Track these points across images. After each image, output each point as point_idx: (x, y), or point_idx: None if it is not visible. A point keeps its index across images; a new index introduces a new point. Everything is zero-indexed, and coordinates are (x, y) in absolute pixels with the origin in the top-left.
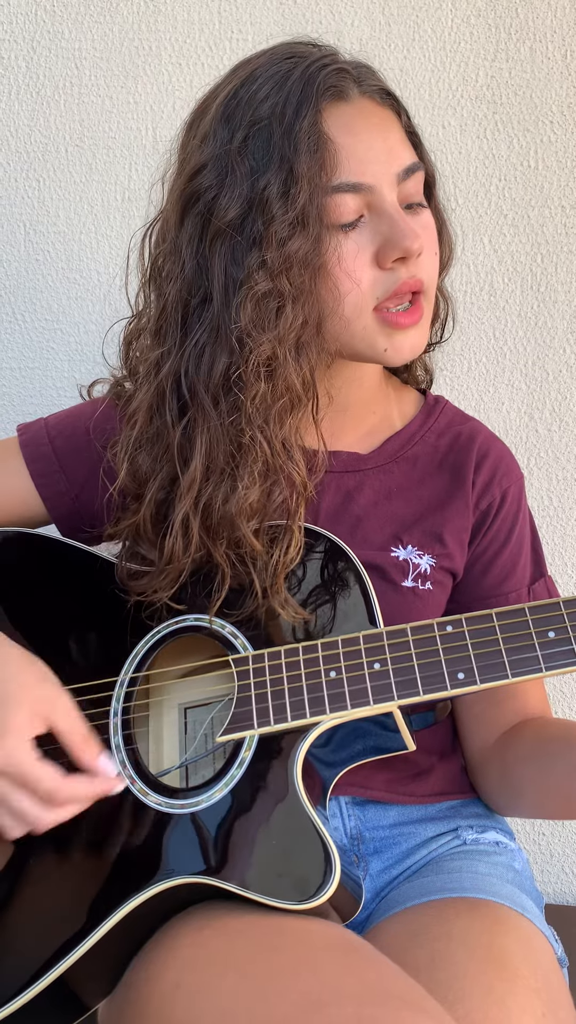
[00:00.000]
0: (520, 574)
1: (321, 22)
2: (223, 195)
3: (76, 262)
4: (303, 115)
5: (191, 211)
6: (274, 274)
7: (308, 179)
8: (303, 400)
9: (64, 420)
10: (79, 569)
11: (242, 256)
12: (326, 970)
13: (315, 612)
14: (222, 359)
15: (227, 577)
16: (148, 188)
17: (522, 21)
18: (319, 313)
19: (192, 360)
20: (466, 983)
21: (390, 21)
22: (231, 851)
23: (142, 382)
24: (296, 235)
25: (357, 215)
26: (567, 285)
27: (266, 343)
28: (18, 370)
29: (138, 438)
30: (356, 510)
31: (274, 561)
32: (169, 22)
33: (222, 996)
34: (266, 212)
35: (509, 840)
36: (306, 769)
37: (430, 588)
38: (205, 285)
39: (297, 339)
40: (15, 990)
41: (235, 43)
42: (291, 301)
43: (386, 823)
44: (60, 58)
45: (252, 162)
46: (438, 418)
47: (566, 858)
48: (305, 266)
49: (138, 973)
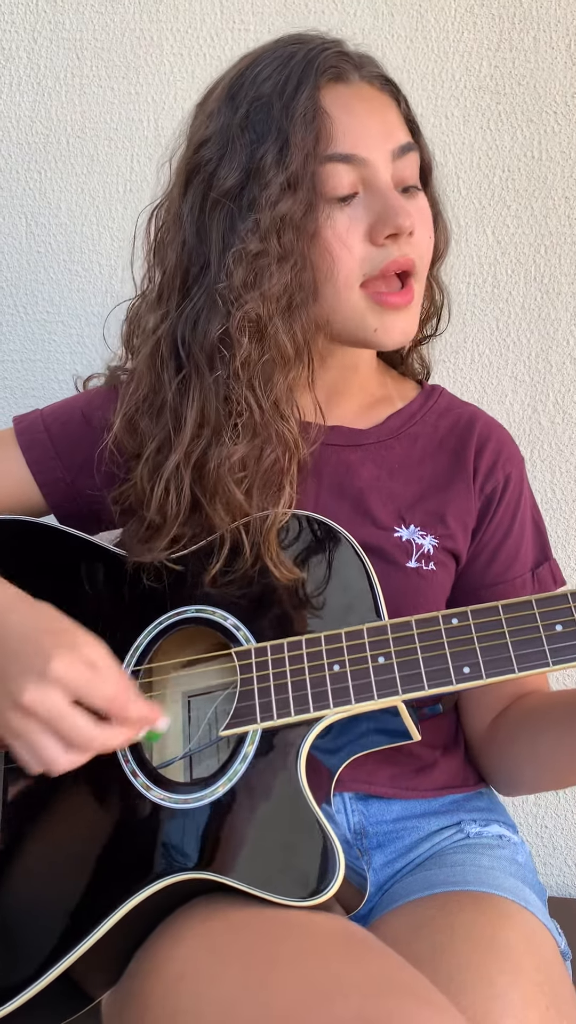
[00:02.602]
0: (523, 559)
1: (324, 12)
2: (223, 165)
3: (78, 254)
4: (302, 91)
5: (193, 182)
6: (264, 235)
7: (301, 147)
8: (292, 361)
9: (59, 409)
10: (79, 558)
11: (237, 222)
12: (331, 961)
13: (319, 604)
14: (216, 320)
15: (226, 541)
16: (152, 176)
17: (525, 11)
18: (312, 279)
19: (189, 322)
20: (468, 976)
21: (393, 11)
22: (235, 847)
23: (141, 344)
24: (286, 197)
25: (351, 190)
26: (570, 277)
27: (251, 301)
28: (20, 362)
29: (136, 399)
30: (359, 483)
31: (268, 520)
32: (171, 12)
33: (226, 987)
34: (261, 179)
35: (512, 833)
36: (311, 763)
37: (433, 569)
38: (204, 252)
39: (289, 301)
40: (22, 984)
41: (237, 33)
42: (278, 261)
43: (389, 818)
44: (61, 49)
45: (252, 135)
46: (437, 400)
47: (569, 851)
48: (298, 230)
49: (142, 964)
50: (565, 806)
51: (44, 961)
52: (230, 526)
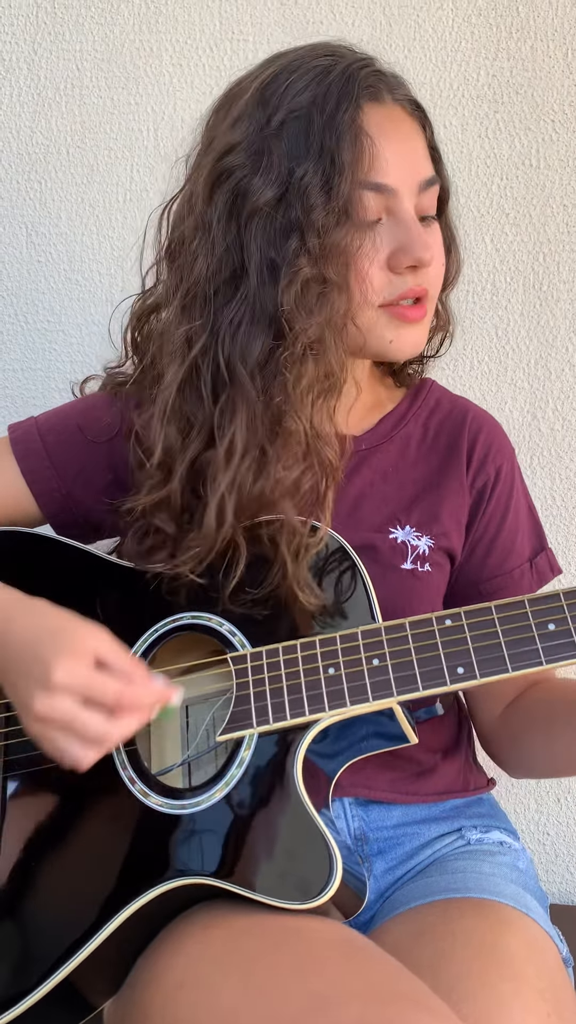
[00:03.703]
0: (520, 550)
1: (322, 22)
2: (258, 176)
3: (78, 263)
4: (344, 108)
5: (221, 188)
6: (317, 260)
7: (351, 170)
8: (340, 385)
9: (54, 417)
10: (73, 568)
11: (280, 239)
12: (331, 969)
13: (315, 608)
14: (261, 338)
15: (242, 557)
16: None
17: (523, 20)
18: (348, 302)
19: (227, 337)
20: (470, 983)
21: (391, 21)
22: (232, 851)
23: (171, 359)
24: (339, 224)
25: (377, 216)
26: (569, 284)
27: (315, 326)
28: (20, 371)
29: (165, 412)
30: (353, 491)
31: (305, 543)
32: (170, 23)
33: (226, 996)
34: (305, 199)
35: (513, 840)
36: (308, 767)
37: (429, 570)
38: (237, 263)
39: (340, 325)
40: (22, 992)
41: (236, 44)
42: (336, 288)
43: (390, 823)
44: (61, 60)
45: (288, 146)
46: (426, 397)
47: (571, 858)
48: (342, 255)
49: (143, 973)
50: (567, 813)
51: (45, 968)
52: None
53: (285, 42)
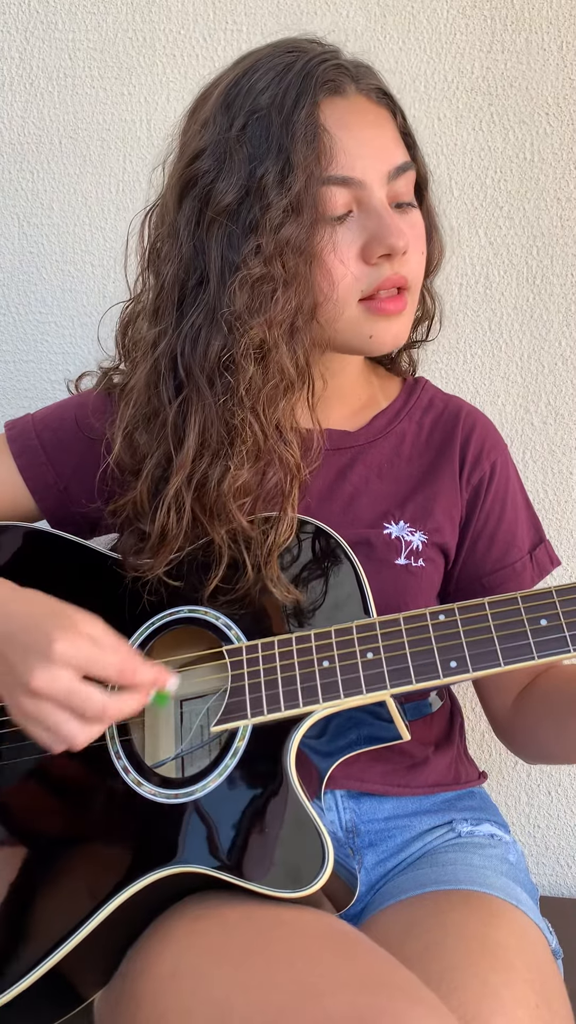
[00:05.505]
0: (520, 543)
1: (316, 13)
2: (220, 180)
3: (70, 255)
4: (301, 106)
5: (189, 194)
6: (268, 259)
7: (304, 167)
8: (296, 384)
9: (50, 414)
10: (70, 562)
11: (238, 241)
12: (322, 960)
13: (310, 603)
14: (216, 341)
15: (223, 559)
16: (145, 177)
17: (518, 12)
18: (313, 300)
19: (188, 340)
20: (460, 975)
21: (385, 12)
22: (225, 840)
23: (140, 360)
24: (289, 221)
25: (346, 209)
26: (562, 278)
27: (256, 327)
28: (12, 363)
29: (135, 415)
30: (348, 488)
31: (268, 542)
32: (163, 13)
33: (217, 986)
34: (262, 199)
35: (504, 833)
36: (301, 760)
37: (423, 565)
38: (202, 267)
39: (292, 324)
40: (9, 981)
41: (230, 34)
42: (283, 286)
43: (381, 816)
44: (54, 49)
45: (250, 149)
46: (420, 395)
47: (561, 850)
48: (299, 252)
49: (133, 963)
50: (558, 806)
51: (35, 957)
52: (235, 551)
53: (279, 32)
